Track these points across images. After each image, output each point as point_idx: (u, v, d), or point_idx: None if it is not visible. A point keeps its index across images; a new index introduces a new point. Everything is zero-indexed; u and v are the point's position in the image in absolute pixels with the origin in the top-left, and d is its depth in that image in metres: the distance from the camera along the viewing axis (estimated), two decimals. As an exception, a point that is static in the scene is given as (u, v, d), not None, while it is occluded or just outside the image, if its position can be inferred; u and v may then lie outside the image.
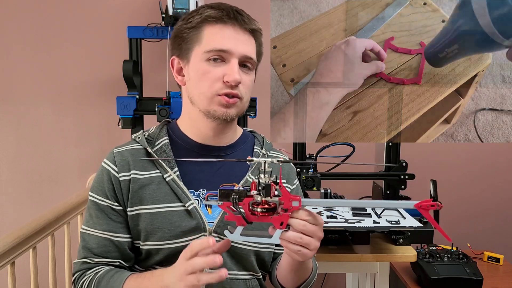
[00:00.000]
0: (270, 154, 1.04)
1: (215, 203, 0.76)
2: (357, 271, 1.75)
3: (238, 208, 0.74)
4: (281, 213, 0.75)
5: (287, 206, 0.74)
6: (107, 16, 2.02)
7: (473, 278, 1.50)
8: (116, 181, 0.92)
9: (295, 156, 1.52)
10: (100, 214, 0.92)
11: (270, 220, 0.74)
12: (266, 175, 0.74)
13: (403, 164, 1.51)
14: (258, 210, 0.74)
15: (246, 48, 0.90)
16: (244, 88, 0.91)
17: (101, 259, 0.92)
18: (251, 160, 0.77)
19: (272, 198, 0.74)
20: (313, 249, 0.77)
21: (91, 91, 2.06)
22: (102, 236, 0.92)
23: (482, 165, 2.17)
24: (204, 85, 0.89)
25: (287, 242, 0.76)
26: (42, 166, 2.09)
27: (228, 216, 0.75)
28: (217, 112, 0.90)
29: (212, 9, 0.90)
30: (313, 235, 0.76)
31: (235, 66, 0.88)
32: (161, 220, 0.90)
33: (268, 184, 0.73)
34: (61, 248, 1.51)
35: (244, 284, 0.94)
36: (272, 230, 0.76)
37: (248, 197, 0.74)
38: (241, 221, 0.75)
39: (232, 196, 0.74)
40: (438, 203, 0.70)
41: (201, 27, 0.90)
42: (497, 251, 1.89)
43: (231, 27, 0.89)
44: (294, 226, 0.75)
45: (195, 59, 0.90)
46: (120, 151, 0.95)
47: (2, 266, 1.14)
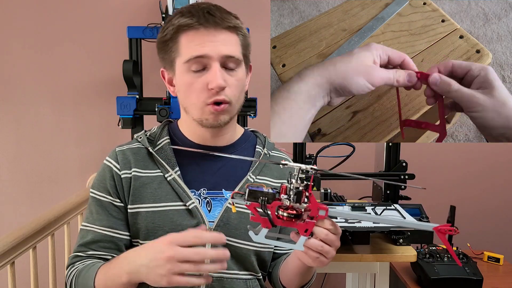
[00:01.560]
0: (272, 154, 1.04)
1: (243, 202, 0.75)
2: (357, 271, 1.75)
3: (266, 211, 0.73)
4: (306, 220, 0.75)
5: (313, 214, 0.75)
6: (107, 16, 2.02)
7: (473, 278, 1.50)
8: (118, 178, 0.93)
9: (295, 156, 1.52)
10: (101, 210, 0.93)
11: (296, 225, 0.75)
12: (298, 181, 0.74)
13: (403, 164, 1.51)
14: (285, 215, 0.74)
15: (225, 48, 0.87)
16: (232, 90, 0.89)
17: (94, 252, 0.92)
18: (285, 164, 0.75)
19: (300, 204, 0.74)
20: (330, 257, 0.78)
21: (91, 91, 2.06)
22: (101, 232, 0.92)
23: (482, 165, 2.17)
24: (192, 97, 0.89)
25: (307, 248, 0.76)
26: (42, 166, 2.09)
27: (254, 217, 0.75)
28: (209, 120, 0.90)
29: (182, 17, 0.87)
30: (332, 245, 0.77)
31: (216, 71, 0.86)
32: (162, 218, 0.90)
33: (300, 191, 0.73)
34: (61, 248, 1.51)
35: (245, 284, 0.94)
36: (294, 235, 0.77)
37: (276, 201, 0.74)
38: (267, 224, 0.74)
39: (262, 198, 0.74)
40: (455, 228, 0.72)
41: (176, 37, 0.88)
42: (497, 251, 1.89)
43: (205, 31, 0.86)
44: (317, 234, 0.75)
45: (179, 71, 0.90)
46: (122, 150, 0.97)
47: (2, 266, 1.14)
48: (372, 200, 1.67)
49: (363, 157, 1.67)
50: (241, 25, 0.91)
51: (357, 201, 1.60)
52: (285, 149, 1.22)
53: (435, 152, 2.14)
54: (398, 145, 1.51)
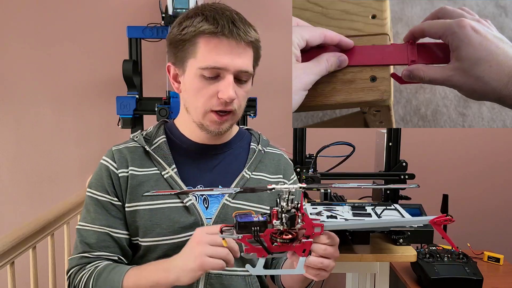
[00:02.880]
0: (266, 150, 1.05)
1: (233, 237, 0.72)
2: (357, 271, 1.75)
3: (260, 240, 0.70)
4: (303, 241, 0.72)
5: (309, 233, 0.72)
6: (107, 16, 2.02)
7: (473, 278, 1.50)
8: (115, 177, 0.93)
9: (295, 156, 1.52)
10: (99, 210, 0.93)
11: (293, 248, 0.72)
12: (289, 203, 0.70)
13: (403, 164, 1.51)
14: (280, 241, 0.71)
15: (242, 62, 0.87)
16: (239, 100, 0.91)
17: (100, 252, 0.91)
18: (272, 189, 0.73)
19: (295, 227, 0.71)
20: (330, 270, 0.78)
21: (91, 91, 2.06)
22: (101, 231, 0.92)
23: (482, 165, 2.17)
24: (199, 101, 0.89)
25: (307, 267, 0.76)
26: (42, 166, 2.09)
27: (248, 249, 0.71)
28: (210, 127, 0.91)
29: (206, 23, 0.86)
30: (331, 257, 0.77)
31: (230, 83, 0.87)
32: (160, 216, 0.91)
33: (293, 215, 0.70)
34: (60, 248, 1.51)
35: (243, 280, 0.95)
36: (291, 256, 0.76)
37: (269, 227, 0.71)
38: (262, 253, 0.71)
39: (253, 228, 0.70)
40: (450, 217, 0.72)
41: (195, 40, 0.87)
42: (497, 251, 1.89)
43: (227, 43, 0.86)
44: (315, 251, 0.75)
45: (190, 72, 0.89)
46: (119, 149, 0.97)
47: (2, 266, 1.14)
48: (372, 200, 1.67)
49: (363, 157, 1.67)
50: (259, 38, 0.92)
51: (357, 201, 1.60)
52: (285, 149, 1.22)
53: (435, 152, 2.14)
54: (398, 145, 1.51)
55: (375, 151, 1.68)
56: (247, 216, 0.72)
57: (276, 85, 2.03)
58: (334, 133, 1.60)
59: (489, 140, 2.15)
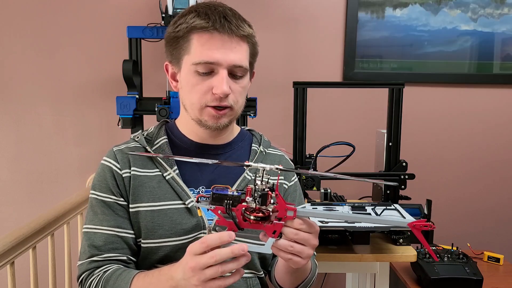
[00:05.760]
0: (268, 151, 1.05)
1: (207, 206, 0.74)
2: (357, 271, 1.75)
3: (231, 214, 0.72)
4: (274, 222, 0.73)
5: (281, 215, 0.73)
6: (107, 16, 2.02)
7: (473, 278, 1.50)
8: (119, 177, 0.93)
9: (295, 156, 1.52)
10: (106, 211, 0.92)
11: (263, 228, 0.73)
12: (263, 182, 0.72)
13: (403, 164, 1.51)
14: (252, 218, 0.72)
15: (235, 56, 0.87)
16: (235, 96, 0.90)
17: (108, 254, 0.90)
18: (248, 165, 0.75)
19: (267, 206, 0.73)
20: (306, 257, 0.76)
21: (91, 91, 2.06)
22: (109, 233, 0.91)
23: (482, 164, 2.17)
24: (194, 97, 0.89)
25: (278, 250, 0.75)
26: (42, 166, 2.09)
27: (220, 221, 0.73)
28: (208, 122, 0.91)
29: (198, 18, 0.87)
30: (306, 243, 0.75)
31: (224, 77, 0.86)
32: (162, 217, 0.90)
33: (265, 193, 0.72)
34: (60, 248, 1.51)
35: (245, 282, 0.95)
36: (263, 236, 0.76)
37: (242, 203, 0.73)
38: (233, 227, 0.73)
39: (226, 201, 0.72)
40: (431, 223, 0.71)
41: (188, 36, 0.88)
42: (497, 251, 1.89)
43: (219, 37, 0.86)
44: (286, 234, 0.74)
45: (185, 68, 0.90)
46: (120, 149, 0.97)
47: (2, 266, 1.14)
48: (372, 200, 1.67)
49: (363, 157, 1.67)
50: (254, 33, 0.91)
51: (357, 201, 1.60)
52: (285, 149, 1.22)
53: (435, 152, 2.14)
54: (398, 145, 1.51)
55: (375, 151, 1.68)
56: (224, 190, 0.74)
57: (276, 85, 2.03)
58: (334, 133, 1.60)
59: (489, 140, 2.15)
